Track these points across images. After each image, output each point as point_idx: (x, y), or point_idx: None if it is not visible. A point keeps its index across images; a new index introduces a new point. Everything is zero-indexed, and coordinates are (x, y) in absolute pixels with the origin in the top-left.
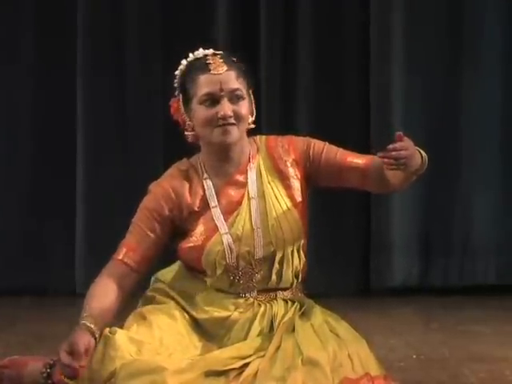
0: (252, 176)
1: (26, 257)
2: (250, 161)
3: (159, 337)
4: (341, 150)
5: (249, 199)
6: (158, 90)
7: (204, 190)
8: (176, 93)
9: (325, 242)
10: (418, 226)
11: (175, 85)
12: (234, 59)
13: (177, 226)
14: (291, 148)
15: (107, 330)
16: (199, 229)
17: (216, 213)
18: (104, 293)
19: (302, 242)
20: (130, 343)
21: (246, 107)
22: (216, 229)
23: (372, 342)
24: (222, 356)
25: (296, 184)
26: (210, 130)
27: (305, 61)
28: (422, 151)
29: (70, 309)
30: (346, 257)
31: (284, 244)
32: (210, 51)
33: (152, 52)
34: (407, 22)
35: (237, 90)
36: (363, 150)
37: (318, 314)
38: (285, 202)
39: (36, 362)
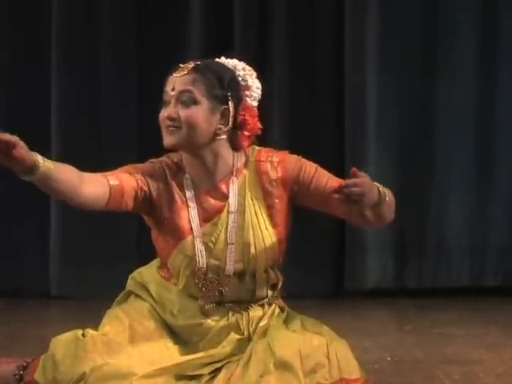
0: (234, 190)
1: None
2: (233, 173)
3: (131, 339)
4: (332, 176)
5: (228, 213)
6: (133, 89)
7: (185, 188)
8: None
9: (298, 243)
10: (392, 228)
11: None
12: (216, 69)
13: (153, 207)
14: (280, 166)
15: (80, 331)
16: (175, 223)
17: (193, 214)
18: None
19: (277, 262)
20: (101, 345)
21: (199, 113)
22: (189, 231)
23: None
24: (194, 361)
25: (279, 204)
26: (163, 131)
27: (279, 61)
28: (380, 186)
29: (43, 311)
30: (320, 258)
31: (255, 263)
32: (243, 64)
33: (126, 52)
34: (381, 23)
35: (185, 91)
36: (337, 150)
37: (297, 319)
38: (264, 222)
39: (8, 364)
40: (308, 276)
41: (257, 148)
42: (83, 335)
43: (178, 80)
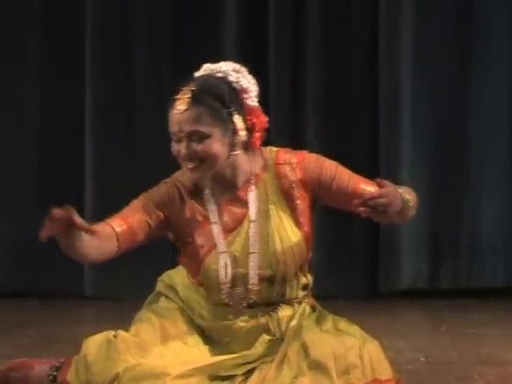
0: (253, 197)
1: (34, 258)
2: (251, 181)
3: (163, 339)
4: (352, 174)
5: (249, 222)
6: (167, 89)
7: (206, 203)
8: None
9: (333, 245)
10: (426, 228)
11: None
12: (213, 88)
13: (173, 230)
14: (299, 167)
15: (111, 333)
16: (198, 241)
17: (215, 229)
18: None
19: (306, 263)
20: (133, 346)
21: (214, 144)
22: (214, 246)
23: (381, 345)
24: (227, 361)
25: (301, 206)
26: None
27: (314, 61)
28: (402, 192)
29: (78, 311)
30: (355, 259)
31: (285, 268)
32: (229, 65)
33: (160, 52)
34: (416, 23)
35: (194, 132)
36: (371, 150)
37: (329, 319)
38: (290, 225)
39: (42, 365)
40: (343, 277)
41: (274, 149)
42: (115, 336)
43: (182, 119)
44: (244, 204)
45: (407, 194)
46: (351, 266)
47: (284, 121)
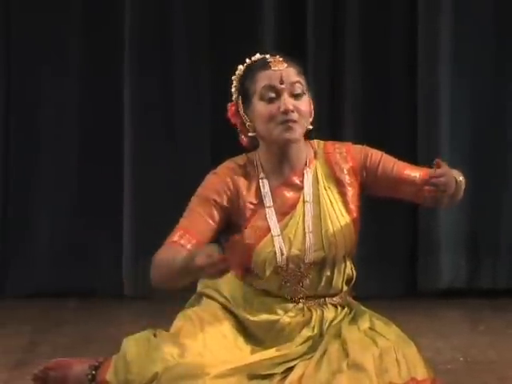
0: (309, 180)
1: (73, 258)
2: (306, 164)
3: (203, 339)
4: (397, 161)
5: (304, 203)
6: (206, 89)
7: (260, 188)
8: (234, 96)
9: (372, 243)
10: (465, 227)
11: (232, 88)
12: (298, 65)
13: (230, 218)
14: (349, 156)
15: (151, 332)
16: (252, 226)
17: (270, 213)
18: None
19: (353, 250)
20: (173, 346)
21: (306, 104)
22: (268, 229)
23: (419, 344)
24: (266, 361)
25: (351, 192)
26: (273, 127)
27: (352, 61)
28: (457, 176)
29: (117, 311)
30: (393, 258)
31: (336, 250)
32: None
33: (199, 51)
34: (455, 23)
35: (297, 82)
36: (410, 150)
37: (366, 318)
38: (339, 209)
39: (81, 364)
40: (381, 276)
41: (321, 141)
42: (155, 336)
43: (285, 72)
44: (296, 188)
45: (459, 176)
46: (390, 264)
47: (322, 120)
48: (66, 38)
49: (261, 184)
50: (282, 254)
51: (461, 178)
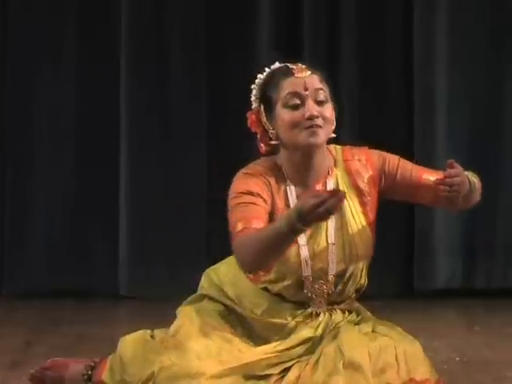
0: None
1: (69, 258)
2: (329, 173)
3: (201, 340)
4: (414, 165)
5: None
6: (203, 90)
7: (287, 194)
8: (254, 105)
9: None
10: (461, 228)
11: (252, 97)
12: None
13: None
14: (369, 163)
15: (148, 332)
16: None
17: None
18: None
19: (370, 259)
20: (170, 346)
21: (329, 111)
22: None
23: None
24: (262, 361)
25: (371, 201)
26: (297, 133)
27: (348, 61)
28: (470, 177)
29: (112, 311)
30: (390, 258)
31: (356, 261)
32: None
33: (195, 52)
34: (450, 22)
35: (321, 89)
36: (406, 150)
37: (370, 324)
38: (360, 221)
39: (77, 364)
40: (377, 276)
41: (338, 147)
42: (151, 336)
43: (308, 79)
44: None
45: (473, 178)
46: (386, 264)
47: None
48: (61, 39)
49: (288, 190)
50: (307, 265)
51: (475, 180)
